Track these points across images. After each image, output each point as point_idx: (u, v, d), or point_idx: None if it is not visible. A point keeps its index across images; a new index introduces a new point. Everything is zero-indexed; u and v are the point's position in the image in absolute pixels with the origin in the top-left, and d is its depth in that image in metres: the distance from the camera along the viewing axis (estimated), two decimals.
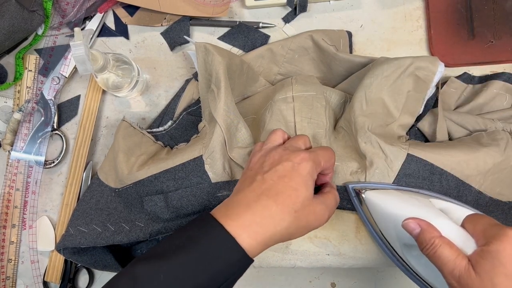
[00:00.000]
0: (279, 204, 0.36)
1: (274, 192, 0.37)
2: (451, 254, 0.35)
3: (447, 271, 0.35)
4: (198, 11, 0.58)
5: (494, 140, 0.48)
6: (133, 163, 0.51)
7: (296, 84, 0.52)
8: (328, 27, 0.59)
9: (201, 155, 0.47)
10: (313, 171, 0.39)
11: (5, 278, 0.59)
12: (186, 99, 0.58)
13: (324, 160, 0.41)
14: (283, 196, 0.36)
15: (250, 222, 0.35)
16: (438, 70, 0.49)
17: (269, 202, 0.36)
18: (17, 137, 0.59)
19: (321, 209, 0.39)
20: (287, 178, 0.37)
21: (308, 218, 0.38)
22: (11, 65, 0.60)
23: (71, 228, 0.52)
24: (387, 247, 0.44)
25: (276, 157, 0.39)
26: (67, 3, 0.59)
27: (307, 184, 0.38)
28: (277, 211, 0.36)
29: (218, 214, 0.36)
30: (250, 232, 0.35)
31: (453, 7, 0.57)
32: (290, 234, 0.37)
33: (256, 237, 0.35)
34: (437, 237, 0.36)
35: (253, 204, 0.36)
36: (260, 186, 0.37)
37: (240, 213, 0.35)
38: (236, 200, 0.37)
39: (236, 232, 0.34)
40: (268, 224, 0.35)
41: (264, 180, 0.38)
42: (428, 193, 0.45)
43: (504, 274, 0.32)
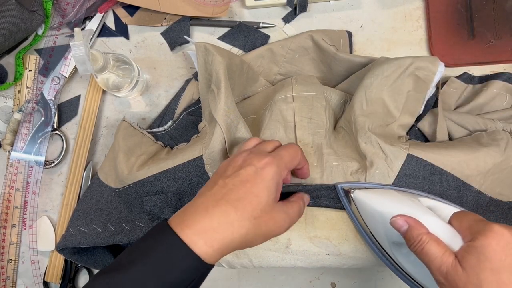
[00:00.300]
0: (238, 210, 0.35)
1: (235, 198, 0.36)
2: (438, 250, 0.35)
3: (435, 268, 0.35)
4: (198, 11, 0.58)
5: (494, 140, 0.48)
6: (133, 163, 0.51)
7: (296, 84, 0.52)
8: (328, 27, 0.59)
9: (201, 155, 0.47)
10: (277, 176, 0.38)
11: (5, 278, 0.59)
12: (186, 99, 0.58)
13: (289, 160, 0.40)
14: (244, 202, 0.36)
15: (207, 229, 0.34)
16: (438, 70, 0.49)
17: (228, 208, 0.35)
18: (17, 137, 0.59)
19: (281, 217, 0.39)
20: (249, 183, 0.37)
21: (267, 225, 0.37)
22: (11, 65, 0.61)
23: (71, 228, 0.52)
24: (377, 246, 0.45)
25: (240, 161, 0.39)
26: (67, 3, 0.59)
27: (270, 190, 0.37)
28: (236, 218, 0.35)
29: (175, 222, 0.35)
30: (206, 239, 0.34)
31: (453, 7, 0.57)
32: (248, 242, 0.37)
33: (212, 244, 0.34)
34: (425, 233, 0.36)
35: (211, 210, 0.35)
36: (221, 191, 0.37)
37: (197, 219, 0.35)
38: (195, 205, 0.37)
39: (192, 240, 0.34)
40: (225, 231, 0.35)
41: (225, 184, 0.37)
42: (416, 192, 0.45)
43: (490, 269, 0.33)
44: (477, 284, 0.33)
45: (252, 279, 0.59)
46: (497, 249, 0.33)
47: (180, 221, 0.35)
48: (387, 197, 0.43)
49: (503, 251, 0.33)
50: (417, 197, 0.43)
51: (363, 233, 0.45)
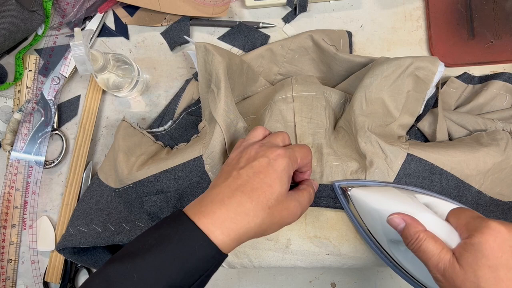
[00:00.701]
0: (253, 200, 0.36)
1: (249, 188, 0.37)
2: (435, 248, 0.35)
3: (432, 265, 0.35)
4: (198, 11, 0.58)
5: (494, 140, 0.48)
6: (133, 163, 0.51)
7: (296, 84, 0.52)
8: (328, 27, 0.59)
9: (201, 155, 0.47)
10: (289, 168, 0.39)
11: (5, 278, 0.59)
12: (186, 99, 0.58)
13: (301, 157, 0.41)
14: (258, 192, 0.36)
15: (224, 219, 0.35)
16: (438, 70, 0.49)
17: (243, 198, 0.36)
18: (17, 137, 0.59)
19: (294, 205, 0.39)
20: (263, 174, 0.37)
21: (281, 214, 0.38)
22: (11, 65, 0.60)
23: (71, 228, 0.52)
24: (375, 245, 0.45)
25: (252, 153, 0.39)
26: (67, 3, 0.59)
27: (282, 181, 0.38)
28: (251, 208, 0.36)
29: (191, 211, 0.36)
30: (223, 228, 0.35)
31: (453, 7, 0.57)
32: (263, 230, 0.37)
33: (229, 233, 0.35)
34: (422, 231, 0.37)
35: (227, 200, 0.36)
36: (235, 182, 0.37)
37: (214, 210, 0.35)
38: (210, 195, 0.37)
39: (209, 229, 0.34)
40: (242, 220, 0.35)
41: (239, 175, 0.38)
42: (414, 189, 0.45)
43: (487, 266, 0.33)
44: (474, 281, 0.33)
45: (252, 279, 0.59)
46: (494, 246, 0.33)
47: (197, 211, 0.36)
48: (384, 194, 0.43)
49: (500, 248, 0.33)
50: (415, 194, 0.43)
51: (361, 231, 0.45)
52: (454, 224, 0.37)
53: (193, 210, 0.36)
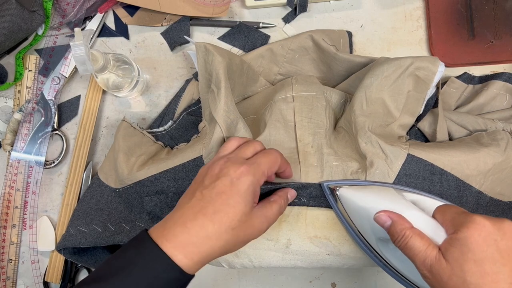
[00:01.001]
0: (215, 224, 0.36)
1: (211, 211, 0.36)
2: (422, 244, 0.35)
3: (419, 262, 0.35)
4: (198, 11, 0.58)
5: (494, 140, 0.48)
6: (133, 163, 0.51)
7: (296, 84, 0.52)
8: (328, 27, 0.59)
9: (201, 156, 0.47)
10: (254, 185, 0.38)
11: (5, 278, 0.59)
12: (186, 99, 0.58)
13: (268, 168, 0.40)
14: (220, 214, 0.36)
15: (186, 243, 0.35)
16: (438, 70, 0.49)
17: (205, 222, 0.36)
18: (17, 137, 0.59)
19: (260, 222, 0.39)
20: (225, 195, 0.37)
21: (246, 233, 0.38)
22: (11, 65, 0.60)
23: (71, 228, 0.52)
24: (364, 244, 0.45)
25: (216, 170, 0.39)
26: (67, 3, 0.59)
27: (246, 200, 0.37)
28: (213, 231, 0.36)
29: (156, 233, 0.36)
30: (186, 253, 0.35)
31: (453, 7, 0.57)
32: (227, 250, 0.38)
33: (192, 257, 0.35)
34: (408, 228, 0.37)
35: (190, 224, 0.36)
36: (198, 204, 0.37)
37: (176, 234, 0.35)
38: (174, 217, 0.37)
39: (172, 252, 0.35)
40: (204, 244, 0.36)
41: (202, 196, 0.38)
42: (400, 187, 0.45)
43: (473, 260, 0.33)
44: (460, 276, 0.33)
45: (252, 279, 0.59)
46: (479, 240, 0.33)
47: (160, 234, 0.36)
48: (372, 193, 0.43)
49: (485, 242, 0.33)
50: (402, 192, 0.44)
51: (350, 230, 0.45)
52: (440, 220, 0.37)
53: (157, 233, 0.36)
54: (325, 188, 0.46)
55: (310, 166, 0.47)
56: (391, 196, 0.42)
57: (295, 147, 0.48)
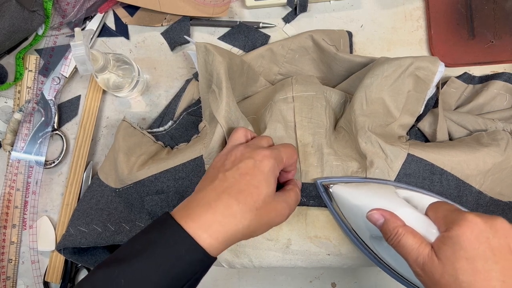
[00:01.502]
0: (240, 202, 0.36)
1: (236, 190, 0.36)
2: (414, 242, 0.35)
3: (412, 260, 0.35)
4: (198, 11, 0.58)
5: (494, 140, 0.48)
6: (133, 163, 0.51)
7: (296, 84, 0.52)
8: (328, 27, 0.59)
9: (202, 155, 0.47)
10: (275, 168, 0.39)
11: (5, 278, 0.59)
12: (186, 99, 0.58)
13: (286, 157, 0.41)
14: (245, 194, 0.36)
15: (211, 222, 0.35)
16: (438, 70, 0.49)
17: (230, 201, 0.36)
18: (17, 137, 0.59)
19: (282, 206, 0.39)
20: (249, 175, 0.37)
21: (269, 215, 0.38)
22: (12, 65, 0.61)
23: (72, 228, 0.52)
24: (359, 241, 0.45)
25: (238, 154, 0.39)
26: (67, 3, 0.59)
27: (269, 182, 0.38)
28: (238, 210, 0.36)
29: (179, 215, 0.36)
30: (211, 232, 0.35)
31: (453, 7, 0.57)
32: (251, 232, 0.37)
33: (217, 237, 0.35)
34: (400, 226, 0.37)
35: (214, 203, 0.36)
36: (222, 184, 0.37)
37: (201, 213, 0.35)
38: (197, 199, 0.37)
39: (196, 233, 0.34)
40: (229, 223, 0.35)
41: (225, 178, 0.37)
42: (394, 184, 0.45)
43: (465, 258, 0.33)
44: (452, 274, 0.33)
45: (252, 279, 0.59)
46: (471, 238, 0.33)
47: (184, 215, 0.35)
48: (365, 190, 0.43)
49: (477, 239, 0.33)
50: (396, 189, 0.44)
51: (345, 228, 0.45)
52: (432, 218, 0.37)
53: (180, 213, 0.36)
54: (319, 185, 0.46)
55: (310, 166, 0.47)
56: (385, 193, 0.42)
57: (296, 146, 0.48)
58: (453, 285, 0.33)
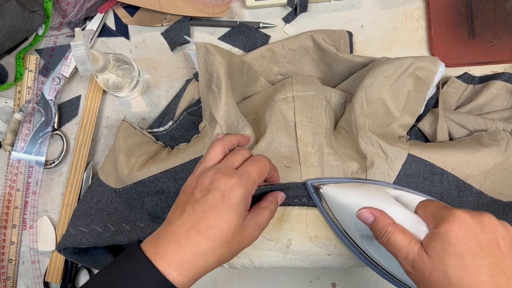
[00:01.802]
0: (210, 240, 0.36)
1: (205, 226, 0.36)
2: (404, 240, 0.35)
3: (402, 257, 0.35)
4: (198, 11, 0.58)
5: (494, 140, 0.48)
6: (134, 164, 0.51)
7: (297, 84, 0.52)
8: (328, 27, 0.59)
9: (202, 155, 0.47)
10: (246, 196, 0.38)
11: (5, 279, 0.59)
12: (186, 99, 0.58)
13: (258, 176, 0.40)
14: (214, 230, 0.36)
15: (181, 261, 0.35)
16: (438, 70, 0.49)
17: (199, 238, 0.36)
18: (17, 137, 0.59)
19: (252, 230, 0.39)
20: (217, 209, 0.37)
21: (240, 244, 0.38)
22: (12, 65, 0.60)
23: (72, 228, 0.52)
24: (349, 242, 0.45)
25: (207, 182, 0.38)
26: (67, 3, 0.59)
27: (239, 213, 0.37)
28: (207, 247, 0.36)
29: (149, 249, 0.36)
30: (181, 270, 0.35)
31: (453, 7, 0.57)
32: (222, 263, 0.38)
33: (187, 274, 0.35)
34: (390, 224, 0.37)
35: (183, 241, 0.36)
36: (190, 219, 0.37)
37: (170, 252, 0.35)
38: (167, 234, 0.37)
39: (166, 270, 0.34)
40: (199, 260, 0.36)
41: (194, 211, 0.37)
42: (384, 184, 0.45)
43: (453, 254, 0.33)
44: (442, 270, 0.33)
45: (252, 279, 0.59)
46: (459, 234, 0.33)
47: (154, 251, 0.35)
48: (355, 190, 0.43)
49: (465, 235, 0.33)
50: (386, 189, 0.44)
51: (335, 229, 0.45)
52: (422, 215, 0.37)
53: (150, 248, 0.36)
54: (309, 186, 0.46)
55: (310, 166, 0.47)
56: (374, 192, 0.42)
57: (296, 146, 0.48)
58: (443, 281, 0.33)
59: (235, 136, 0.45)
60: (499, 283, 0.32)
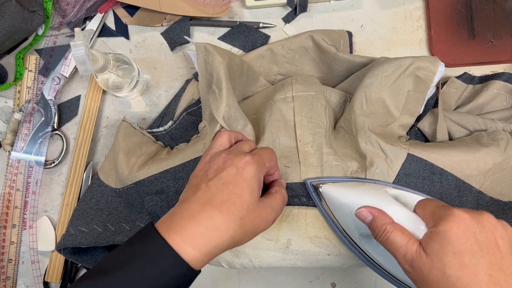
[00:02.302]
0: (224, 213, 0.36)
1: (219, 201, 0.36)
2: (402, 239, 0.35)
3: (400, 256, 0.35)
4: (198, 11, 0.58)
5: (494, 140, 0.48)
6: (134, 164, 0.51)
7: (296, 84, 0.52)
8: (328, 27, 0.59)
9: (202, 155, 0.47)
10: (259, 174, 0.39)
11: (5, 278, 0.59)
12: (186, 99, 0.58)
13: (268, 160, 0.41)
14: (228, 204, 0.36)
15: (195, 235, 0.35)
16: (438, 70, 0.49)
17: (214, 212, 0.36)
18: (17, 137, 0.59)
19: (267, 212, 0.39)
20: (232, 184, 0.37)
21: (254, 223, 0.38)
22: (12, 65, 0.60)
23: (72, 228, 0.52)
24: (348, 241, 0.45)
25: (220, 163, 0.39)
26: (67, 3, 0.59)
27: (252, 189, 0.38)
28: (222, 221, 0.36)
29: (162, 227, 0.36)
30: (195, 244, 0.35)
31: (453, 7, 0.57)
32: (236, 242, 0.38)
33: (201, 249, 0.35)
34: (389, 223, 0.37)
35: (198, 215, 0.36)
36: (205, 195, 0.37)
37: (184, 226, 0.35)
38: (181, 210, 0.37)
39: (180, 246, 0.34)
40: (213, 235, 0.35)
41: (208, 188, 0.37)
42: (384, 184, 0.45)
43: (452, 253, 0.33)
44: (440, 269, 0.33)
45: (252, 279, 0.59)
46: (458, 233, 0.33)
47: (167, 227, 0.35)
48: (354, 189, 0.43)
49: (464, 234, 0.33)
50: (384, 188, 0.44)
51: (334, 228, 0.46)
52: (420, 214, 0.37)
53: (164, 226, 0.36)
54: (309, 185, 0.46)
55: (310, 166, 0.47)
56: (373, 191, 0.42)
57: (295, 146, 0.48)
58: (441, 280, 0.33)
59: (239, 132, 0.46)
60: (497, 282, 0.32)
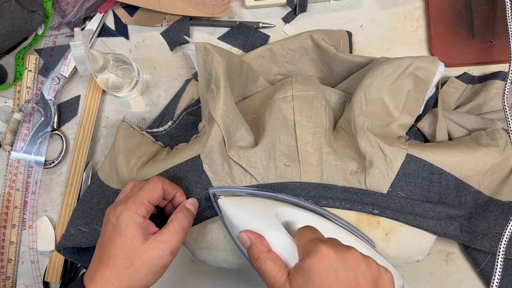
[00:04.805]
0: (111, 268, 0.38)
1: (106, 257, 0.39)
2: (273, 269, 0.36)
3: (269, 286, 0.37)
4: (198, 11, 0.58)
5: (493, 140, 0.48)
6: (133, 166, 0.51)
7: (296, 83, 0.52)
8: (328, 27, 0.59)
9: (199, 155, 0.47)
10: (134, 218, 0.39)
11: (5, 278, 0.59)
12: (186, 99, 0.58)
13: (148, 196, 0.41)
14: (113, 258, 0.38)
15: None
16: (438, 70, 0.49)
17: (104, 270, 0.38)
18: (17, 137, 0.59)
19: (158, 249, 0.39)
20: (111, 239, 0.39)
21: (147, 265, 0.39)
22: (11, 65, 0.61)
23: (71, 228, 0.52)
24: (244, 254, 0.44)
25: (105, 218, 0.41)
26: (67, 3, 0.59)
27: (131, 236, 0.39)
28: (111, 276, 0.38)
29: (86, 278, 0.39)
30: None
31: (453, 7, 0.57)
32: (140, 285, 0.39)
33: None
34: (263, 252, 0.37)
35: (94, 274, 0.39)
36: (98, 254, 0.40)
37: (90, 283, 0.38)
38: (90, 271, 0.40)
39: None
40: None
41: (99, 247, 0.41)
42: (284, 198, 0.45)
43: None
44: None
45: (252, 279, 0.59)
46: (320, 270, 0.34)
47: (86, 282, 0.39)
48: (246, 208, 0.42)
49: (326, 272, 0.34)
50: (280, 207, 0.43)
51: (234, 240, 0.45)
52: (296, 244, 0.38)
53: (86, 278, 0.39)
54: (211, 195, 0.45)
55: (309, 166, 0.47)
56: (264, 212, 0.41)
57: (295, 145, 0.48)
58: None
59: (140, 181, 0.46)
60: None
